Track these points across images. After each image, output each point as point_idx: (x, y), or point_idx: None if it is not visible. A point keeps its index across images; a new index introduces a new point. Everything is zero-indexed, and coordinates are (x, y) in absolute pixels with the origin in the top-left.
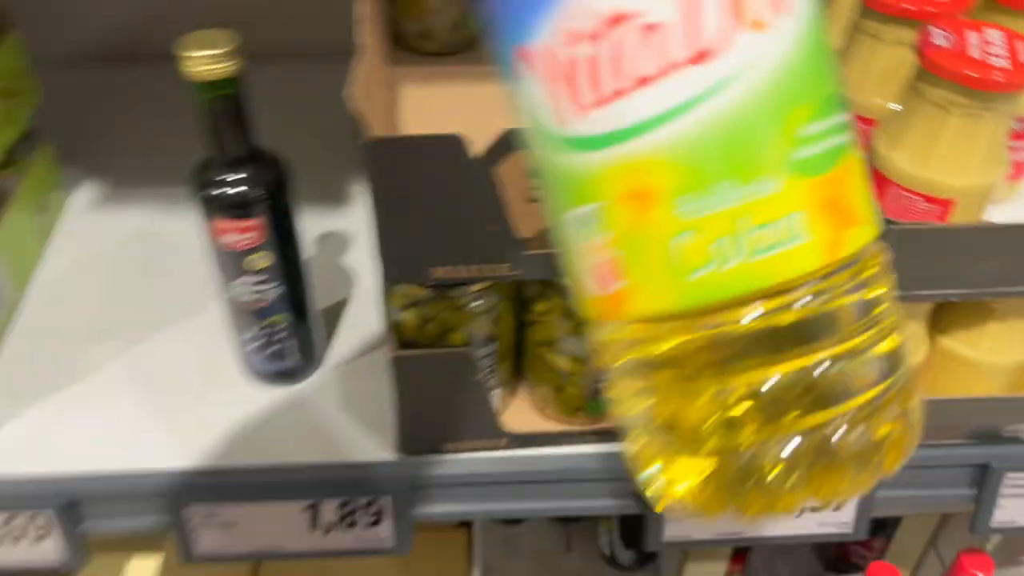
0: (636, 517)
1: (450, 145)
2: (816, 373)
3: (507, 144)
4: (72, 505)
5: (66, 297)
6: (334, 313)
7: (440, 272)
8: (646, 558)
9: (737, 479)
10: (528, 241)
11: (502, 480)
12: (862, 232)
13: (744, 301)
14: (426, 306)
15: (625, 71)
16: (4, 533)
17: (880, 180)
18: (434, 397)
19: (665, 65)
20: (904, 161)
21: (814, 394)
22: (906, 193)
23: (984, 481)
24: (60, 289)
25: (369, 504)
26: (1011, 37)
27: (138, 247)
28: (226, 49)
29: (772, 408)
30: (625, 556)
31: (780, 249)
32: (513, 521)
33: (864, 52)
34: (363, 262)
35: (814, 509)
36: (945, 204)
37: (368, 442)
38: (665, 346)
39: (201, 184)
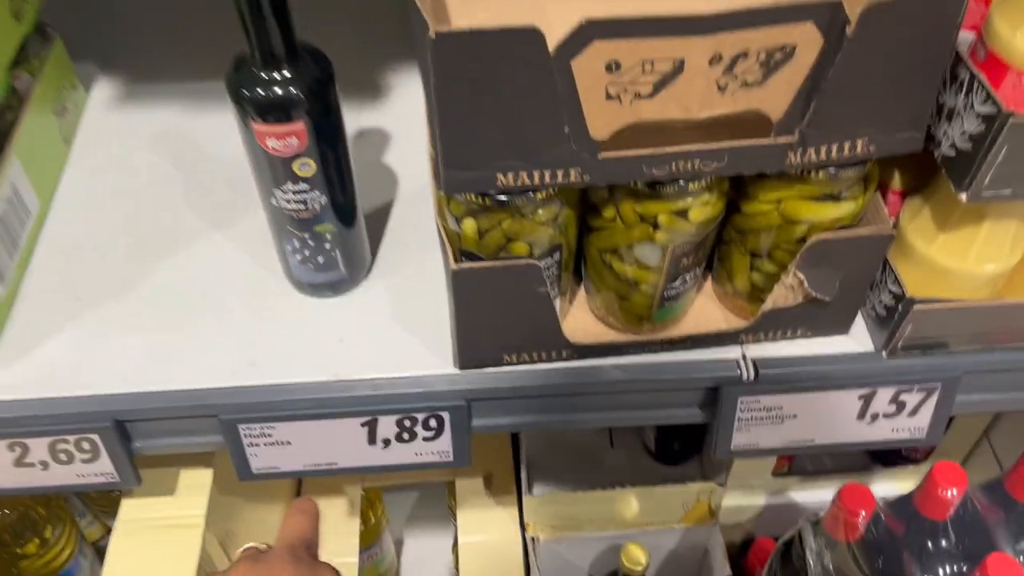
0: None
1: (527, 39)
2: None
3: (583, 37)
4: (119, 427)
5: (95, 206)
6: (379, 217)
7: (506, 179)
8: (691, 451)
9: None
10: (602, 144)
11: (563, 392)
12: None
13: None
14: (486, 215)
15: None
16: (50, 457)
17: (999, 66)
18: (495, 310)
19: None
20: None
21: None
22: None
23: None
24: (88, 198)
25: (428, 418)
26: None
27: (168, 149)
28: None
29: None
30: (670, 450)
31: None
32: None
33: None
34: (405, 161)
35: None
36: None
37: (424, 355)
38: None
39: (238, 84)
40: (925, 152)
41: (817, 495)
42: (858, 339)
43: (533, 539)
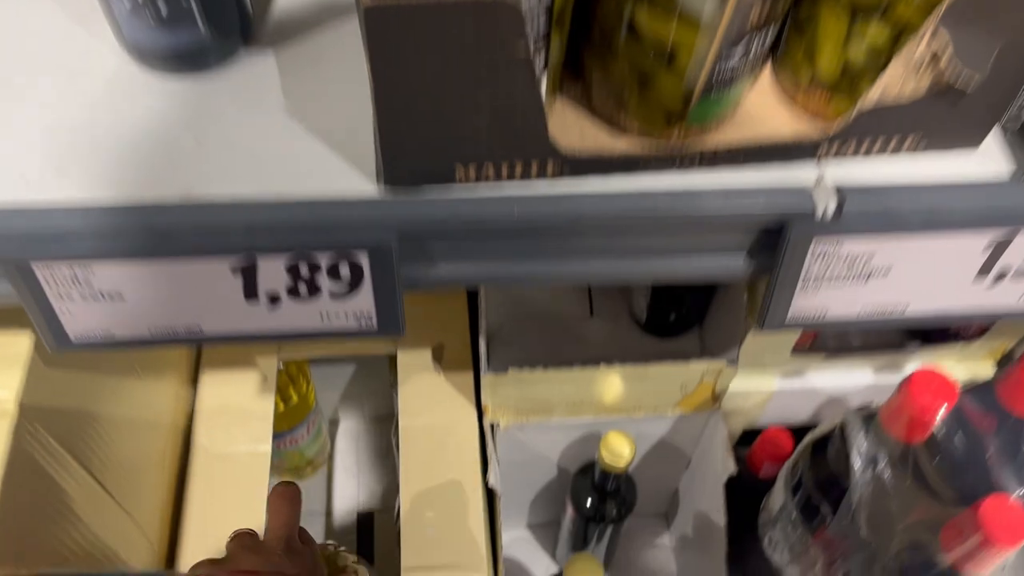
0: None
1: None
2: None
3: None
4: None
5: None
6: None
7: None
8: (690, 322)
9: None
10: None
11: (547, 229)
12: None
13: None
14: None
15: None
16: None
17: None
18: (440, 87)
19: None
20: None
21: None
22: None
23: None
24: None
25: (336, 263)
26: None
27: None
28: None
29: None
30: (664, 320)
31: None
32: None
33: None
34: None
35: None
36: None
37: (332, 165)
38: None
39: None
40: None
41: (838, 379)
42: (992, 158)
43: (492, 425)
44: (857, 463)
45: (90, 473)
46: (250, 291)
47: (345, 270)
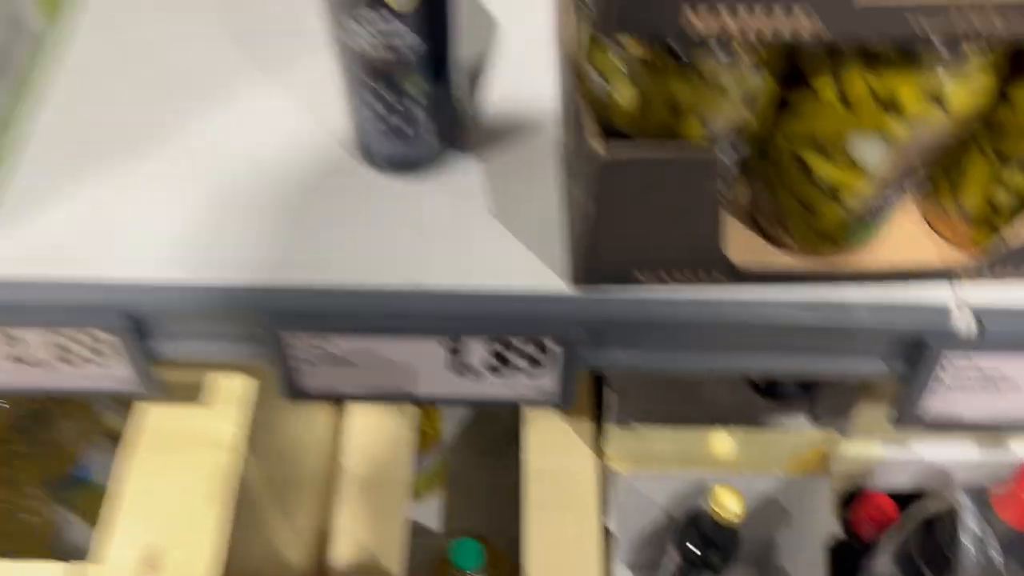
0: None
1: None
2: None
3: None
4: (135, 322)
5: (113, 37)
6: (475, 71)
7: (701, 20)
8: (805, 390)
9: None
10: None
11: (709, 327)
12: None
13: None
14: (654, 77)
15: None
16: (49, 355)
17: None
18: (640, 212)
19: None
20: None
21: None
22: None
23: None
24: (104, 24)
25: (532, 348)
26: None
27: None
28: None
29: None
30: (778, 386)
31: None
32: None
33: None
34: None
35: None
36: None
37: (527, 263)
38: None
39: None
40: None
41: (944, 452)
42: None
43: (611, 472)
44: (966, 544)
45: (278, 496)
46: (456, 366)
47: (538, 354)
